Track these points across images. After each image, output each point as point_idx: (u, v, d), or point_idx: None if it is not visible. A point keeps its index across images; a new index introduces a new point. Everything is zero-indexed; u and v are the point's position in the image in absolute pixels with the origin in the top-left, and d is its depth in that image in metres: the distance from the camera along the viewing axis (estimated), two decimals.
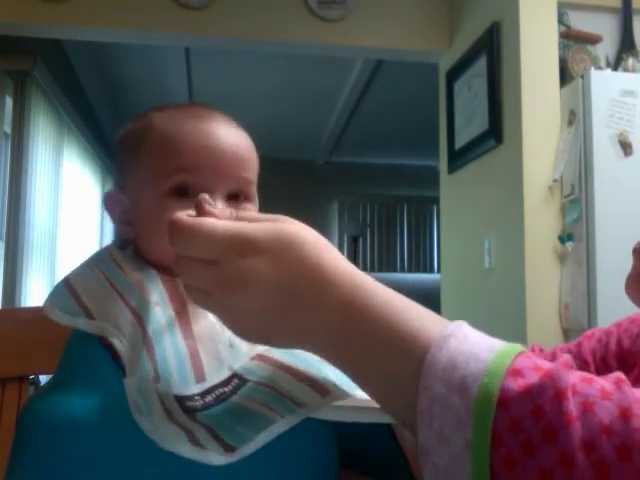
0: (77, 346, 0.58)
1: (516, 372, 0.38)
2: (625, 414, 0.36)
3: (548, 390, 0.37)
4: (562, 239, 2.16)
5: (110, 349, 0.56)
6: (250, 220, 0.46)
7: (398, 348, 0.42)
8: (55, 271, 3.58)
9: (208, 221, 0.45)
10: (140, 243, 0.63)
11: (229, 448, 0.47)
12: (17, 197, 3.07)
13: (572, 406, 0.36)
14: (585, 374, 0.40)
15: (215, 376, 0.52)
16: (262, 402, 0.49)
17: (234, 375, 0.52)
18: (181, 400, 0.49)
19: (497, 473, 0.37)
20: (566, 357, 0.41)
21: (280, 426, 0.48)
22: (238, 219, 0.46)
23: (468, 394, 0.38)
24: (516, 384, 0.38)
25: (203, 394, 0.50)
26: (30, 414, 0.55)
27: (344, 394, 0.50)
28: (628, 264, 0.77)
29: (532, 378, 0.38)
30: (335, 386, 0.51)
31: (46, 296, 0.59)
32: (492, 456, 0.37)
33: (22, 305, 3.03)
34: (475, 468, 0.37)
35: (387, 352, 0.42)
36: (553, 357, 0.82)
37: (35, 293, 3.22)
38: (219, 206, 0.60)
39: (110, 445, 0.51)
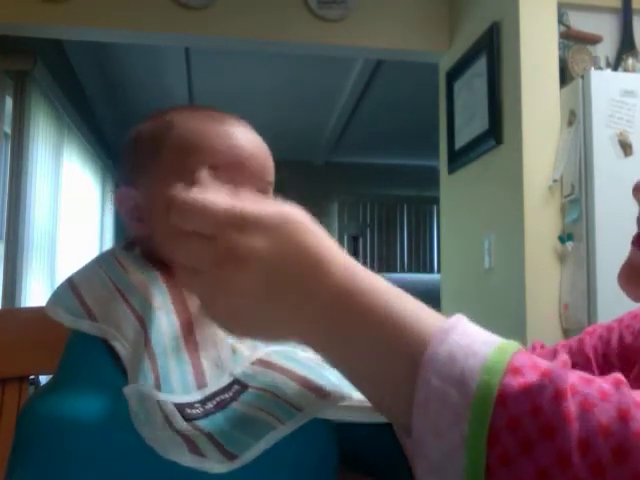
0: (77, 346, 0.58)
1: (515, 370, 0.38)
2: (624, 416, 0.36)
3: (547, 389, 0.37)
4: (562, 239, 2.16)
5: (111, 349, 0.56)
6: (251, 200, 0.45)
7: (394, 341, 0.41)
8: (55, 271, 3.58)
9: (210, 195, 0.43)
10: (155, 240, 0.61)
11: (230, 455, 0.47)
12: (17, 197, 3.07)
13: (571, 406, 0.36)
14: (584, 374, 0.40)
15: (216, 383, 0.52)
16: (262, 408, 0.49)
17: (235, 381, 0.52)
18: (181, 408, 0.49)
19: (492, 470, 0.36)
20: (564, 357, 0.41)
21: (280, 432, 0.48)
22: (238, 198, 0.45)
23: (467, 389, 0.38)
24: (515, 382, 0.38)
25: (203, 401, 0.50)
26: (30, 414, 0.55)
27: (344, 397, 0.50)
28: None
29: (531, 377, 0.38)
30: (335, 389, 0.51)
31: (49, 296, 0.59)
32: (488, 453, 0.37)
33: (22, 305, 3.03)
34: (470, 463, 0.37)
35: (381, 344, 0.41)
36: (554, 354, 0.82)
37: (35, 293, 3.22)
38: None
39: (110, 445, 0.51)
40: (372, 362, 0.42)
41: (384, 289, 0.44)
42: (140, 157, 0.64)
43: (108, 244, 4.96)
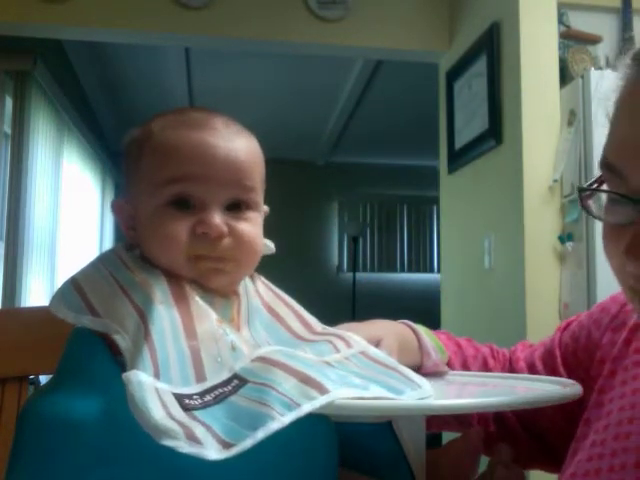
0: (77, 345, 0.58)
1: None
2: None
3: None
4: (562, 239, 2.16)
5: (111, 348, 0.56)
6: None
7: None
8: (55, 271, 3.58)
9: None
10: (144, 249, 0.63)
11: (226, 445, 0.47)
12: (17, 197, 3.06)
13: None
14: None
15: (215, 377, 0.52)
16: (261, 401, 0.49)
17: (234, 376, 0.52)
18: (180, 398, 0.50)
19: None
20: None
21: (279, 423, 0.47)
22: None
23: None
24: None
25: (202, 394, 0.51)
26: (30, 414, 0.55)
27: (343, 394, 0.50)
28: None
29: None
30: (335, 386, 0.51)
31: (53, 294, 0.60)
32: None
33: (22, 305, 3.03)
34: None
35: None
36: (532, 354, 0.82)
37: (35, 293, 3.22)
38: (216, 218, 0.60)
39: (110, 445, 0.51)
40: None
41: None
42: (127, 167, 0.65)
43: (108, 244, 4.96)
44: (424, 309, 3.10)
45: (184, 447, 0.46)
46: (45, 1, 2.58)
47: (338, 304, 5.64)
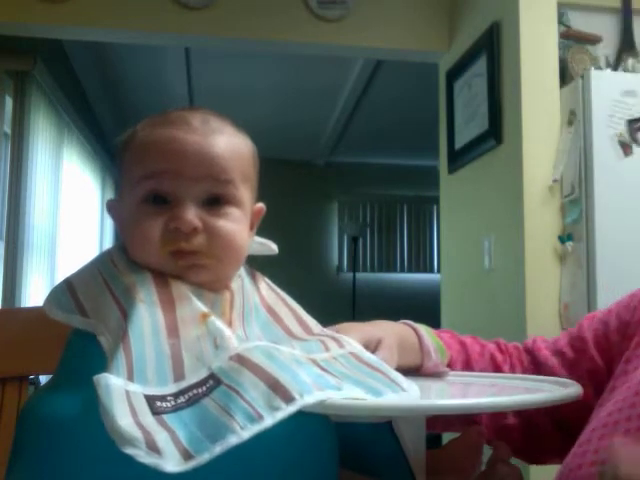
0: (76, 346, 0.58)
1: None
2: None
3: None
4: (562, 239, 2.16)
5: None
6: None
7: None
8: (55, 271, 3.58)
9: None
10: (127, 248, 0.63)
11: (187, 455, 0.46)
12: (17, 197, 3.06)
13: None
14: None
15: (194, 375, 0.52)
16: (227, 410, 0.49)
17: (211, 376, 0.52)
18: (152, 400, 0.49)
19: None
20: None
21: (237, 438, 0.47)
22: None
23: None
24: None
25: (177, 394, 0.51)
26: (30, 414, 0.55)
27: (309, 401, 0.50)
28: (628, 264, 0.78)
29: None
30: (305, 389, 0.51)
31: (47, 294, 0.61)
32: None
33: (22, 305, 3.03)
34: None
35: None
36: (555, 342, 0.83)
37: (35, 293, 3.22)
38: (188, 213, 0.59)
39: (110, 445, 0.51)
40: None
41: None
42: (118, 167, 0.67)
43: (108, 244, 4.96)
44: (424, 309, 3.10)
45: (143, 457, 0.46)
46: (45, 1, 2.58)
47: (338, 304, 5.63)
